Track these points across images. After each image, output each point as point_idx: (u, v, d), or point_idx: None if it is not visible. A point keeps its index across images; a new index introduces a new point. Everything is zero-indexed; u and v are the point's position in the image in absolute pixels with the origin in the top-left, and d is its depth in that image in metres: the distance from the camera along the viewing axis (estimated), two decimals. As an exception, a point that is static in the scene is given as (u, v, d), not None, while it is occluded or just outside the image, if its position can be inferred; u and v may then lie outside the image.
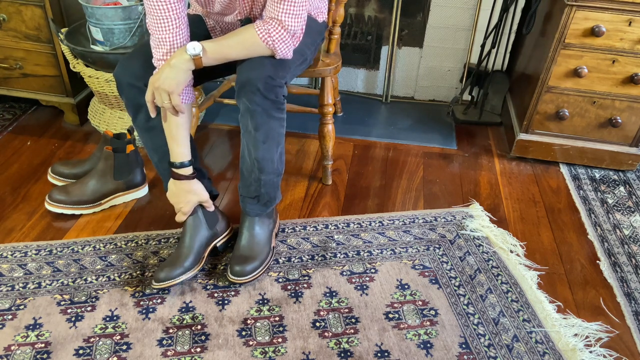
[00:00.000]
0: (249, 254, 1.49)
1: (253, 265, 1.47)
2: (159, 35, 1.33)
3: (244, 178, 1.50)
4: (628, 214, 1.85)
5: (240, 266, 1.45)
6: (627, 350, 1.38)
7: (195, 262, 1.47)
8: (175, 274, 1.43)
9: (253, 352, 1.31)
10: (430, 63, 2.41)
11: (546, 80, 1.90)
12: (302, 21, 1.36)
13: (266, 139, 1.41)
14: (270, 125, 1.39)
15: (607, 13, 1.74)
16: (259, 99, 1.34)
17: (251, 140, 1.41)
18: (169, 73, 1.30)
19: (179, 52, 1.31)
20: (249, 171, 1.47)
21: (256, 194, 1.50)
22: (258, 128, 1.38)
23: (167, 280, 1.41)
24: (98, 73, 1.90)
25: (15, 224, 1.67)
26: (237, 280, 1.45)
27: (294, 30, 1.36)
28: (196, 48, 1.30)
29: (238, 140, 2.13)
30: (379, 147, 2.16)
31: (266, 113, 1.37)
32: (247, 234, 1.52)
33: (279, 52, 1.36)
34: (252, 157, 1.43)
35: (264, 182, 1.47)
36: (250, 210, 1.52)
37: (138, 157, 1.77)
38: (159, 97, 1.32)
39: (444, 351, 1.34)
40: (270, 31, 1.33)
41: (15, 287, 1.45)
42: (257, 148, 1.41)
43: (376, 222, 1.74)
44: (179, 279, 1.43)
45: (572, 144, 2.02)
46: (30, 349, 1.30)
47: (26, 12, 1.91)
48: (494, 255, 1.63)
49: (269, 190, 1.50)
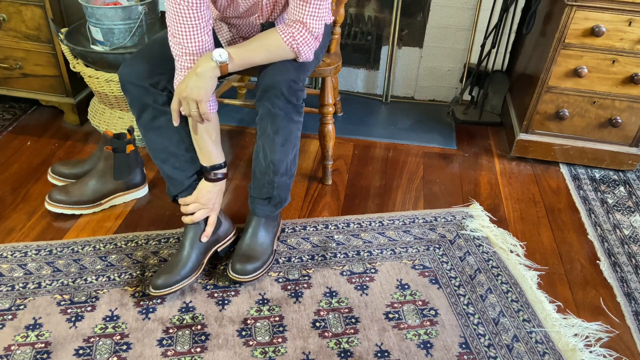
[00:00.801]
0: (252, 253, 1.49)
1: (255, 265, 1.47)
2: (184, 41, 1.31)
3: (256, 179, 1.50)
4: (628, 214, 1.85)
5: (242, 265, 1.45)
6: (627, 350, 1.38)
7: (194, 270, 1.46)
8: (173, 282, 1.41)
9: (253, 352, 1.31)
10: (430, 63, 2.41)
11: (546, 80, 1.90)
12: (323, 23, 1.37)
13: (285, 142, 1.42)
14: (290, 128, 1.41)
15: (607, 13, 1.74)
16: (282, 103, 1.35)
17: (269, 143, 1.41)
18: (196, 82, 1.28)
19: (205, 60, 1.29)
20: (263, 173, 1.47)
21: (268, 196, 1.50)
22: (278, 131, 1.39)
23: (164, 287, 1.41)
24: (98, 73, 1.90)
25: (15, 224, 1.67)
26: (238, 278, 1.45)
27: (317, 32, 1.37)
28: (222, 55, 1.28)
29: (238, 141, 2.13)
30: (379, 147, 2.16)
31: (287, 117, 1.38)
32: (251, 233, 1.52)
33: (303, 55, 1.37)
34: (268, 160, 1.44)
35: (277, 184, 1.48)
36: (260, 212, 1.52)
37: (138, 157, 1.77)
38: (186, 106, 1.31)
39: (444, 351, 1.34)
40: (294, 34, 1.34)
41: (15, 287, 1.45)
42: (275, 151, 1.42)
43: (376, 222, 1.74)
44: (176, 287, 1.42)
45: (572, 144, 2.02)
46: (30, 349, 1.30)
47: (26, 12, 1.91)
48: (494, 255, 1.63)
49: (281, 192, 1.51)
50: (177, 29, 1.30)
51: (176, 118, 1.36)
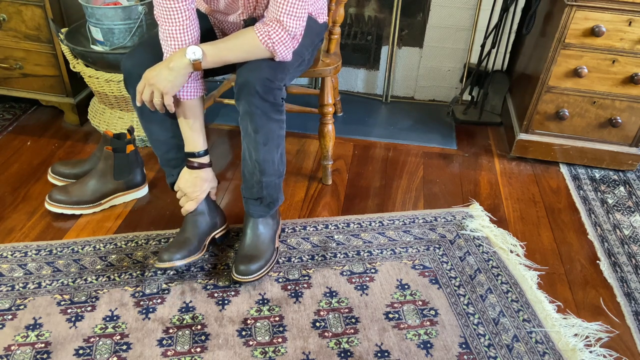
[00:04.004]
0: (254, 253, 1.49)
1: (258, 264, 1.47)
2: (168, 28, 1.33)
3: (245, 180, 1.50)
4: (628, 214, 1.85)
5: (245, 265, 1.46)
6: (627, 350, 1.38)
7: (198, 248, 1.50)
8: (178, 257, 1.45)
9: (253, 352, 1.31)
10: (430, 63, 2.41)
11: (546, 80, 1.90)
12: (302, 23, 1.36)
13: (266, 141, 1.41)
14: (270, 127, 1.39)
15: (607, 13, 1.74)
16: (257, 102, 1.34)
17: (252, 143, 1.41)
18: (167, 75, 1.30)
19: (179, 55, 1.30)
20: (251, 173, 1.47)
21: (259, 196, 1.50)
22: (258, 130, 1.38)
23: (170, 261, 1.43)
24: (98, 73, 1.90)
25: (15, 224, 1.67)
26: (243, 279, 1.45)
27: (294, 32, 1.35)
28: (196, 53, 1.29)
29: (238, 141, 2.13)
30: (379, 147, 2.16)
31: (265, 115, 1.37)
32: (251, 234, 1.52)
33: (279, 54, 1.36)
34: (253, 160, 1.44)
35: (266, 184, 1.48)
36: (254, 212, 1.52)
37: (138, 157, 1.77)
38: (147, 93, 1.32)
39: (444, 351, 1.34)
40: (270, 33, 1.33)
41: (15, 287, 1.45)
42: (258, 150, 1.42)
43: (376, 222, 1.74)
44: (182, 261, 1.45)
45: (572, 144, 2.02)
46: (30, 349, 1.30)
47: (26, 12, 1.91)
48: (494, 255, 1.63)
49: (272, 192, 1.50)
50: (161, 14, 1.32)
51: (139, 99, 1.36)
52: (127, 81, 1.43)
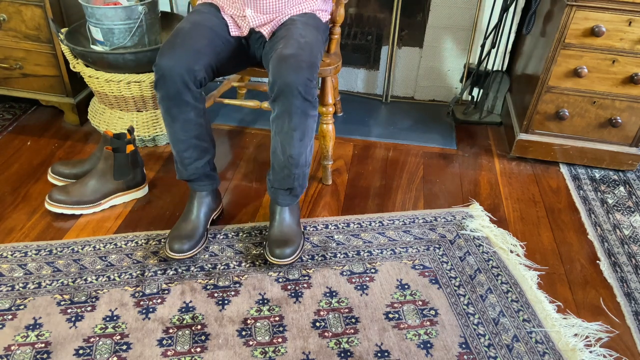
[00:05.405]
0: (286, 237, 1.53)
1: (292, 248, 1.51)
2: None
3: (275, 173, 1.53)
4: (628, 214, 1.85)
5: (281, 249, 1.49)
6: (627, 350, 1.38)
7: (203, 234, 1.56)
8: (188, 247, 1.51)
9: (253, 352, 1.31)
10: (430, 63, 2.41)
11: (546, 80, 1.90)
12: None
13: (303, 137, 1.44)
14: (308, 123, 1.44)
15: (607, 13, 1.74)
16: (299, 102, 1.37)
17: (287, 139, 1.44)
18: None
19: None
20: (282, 167, 1.50)
21: (289, 187, 1.53)
22: (296, 128, 1.41)
23: (181, 252, 1.50)
24: (98, 73, 1.90)
25: (15, 224, 1.67)
26: (280, 261, 1.49)
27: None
28: None
29: (238, 141, 2.13)
30: (379, 147, 2.16)
31: (304, 114, 1.40)
32: (279, 220, 1.56)
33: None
34: (287, 155, 1.46)
35: (297, 175, 1.51)
36: (282, 202, 1.57)
37: (138, 157, 1.77)
38: None
39: (444, 351, 1.34)
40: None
41: (15, 287, 1.45)
42: (293, 146, 1.45)
43: (376, 222, 1.74)
44: (191, 252, 1.52)
45: (572, 144, 2.02)
46: (30, 349, 1.30)
47: (26, 12, 1.91)
48: (494, 255, 1.63)
49: (302, 182, 1.55)
50: None
51: None
52: (160, 81, 1.39)
